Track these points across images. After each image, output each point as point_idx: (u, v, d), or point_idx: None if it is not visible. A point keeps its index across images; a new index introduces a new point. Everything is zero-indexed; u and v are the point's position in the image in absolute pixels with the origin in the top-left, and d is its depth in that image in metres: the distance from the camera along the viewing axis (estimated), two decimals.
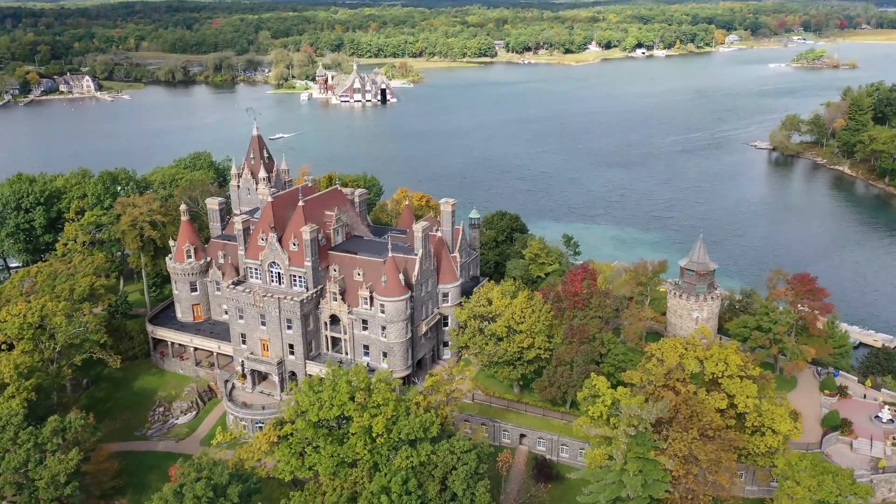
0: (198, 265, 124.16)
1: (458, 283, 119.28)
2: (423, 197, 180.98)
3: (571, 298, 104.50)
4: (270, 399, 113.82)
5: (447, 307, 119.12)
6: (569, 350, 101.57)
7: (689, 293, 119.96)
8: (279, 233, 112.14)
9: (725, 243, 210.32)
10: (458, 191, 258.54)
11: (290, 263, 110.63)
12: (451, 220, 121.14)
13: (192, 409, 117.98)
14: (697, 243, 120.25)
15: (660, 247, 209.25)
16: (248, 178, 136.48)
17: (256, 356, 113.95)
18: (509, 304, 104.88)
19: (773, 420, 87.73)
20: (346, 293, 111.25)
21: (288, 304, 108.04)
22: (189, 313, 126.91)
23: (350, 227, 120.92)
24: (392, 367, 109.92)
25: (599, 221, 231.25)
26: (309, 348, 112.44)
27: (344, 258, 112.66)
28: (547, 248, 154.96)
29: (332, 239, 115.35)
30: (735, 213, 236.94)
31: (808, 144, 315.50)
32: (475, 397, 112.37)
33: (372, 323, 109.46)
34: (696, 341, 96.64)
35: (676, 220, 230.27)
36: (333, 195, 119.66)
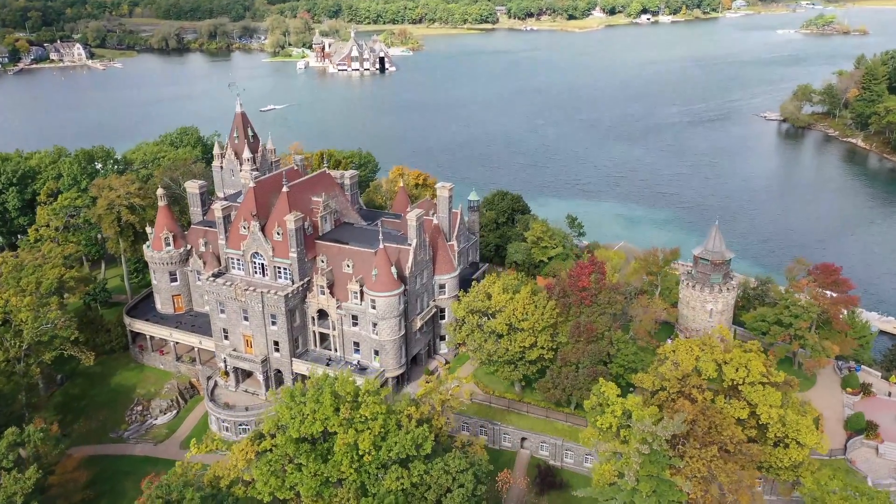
0: (177, 254, 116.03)
1: (456, 274, 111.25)
2: (420, 175, 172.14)
3: (578, 294, 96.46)
4: (255, 399, 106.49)
5: (444, 299, 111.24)
6: (575, 350, 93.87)
7: (702, 284, 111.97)
8: (262, 221, 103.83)
9: (735, 222, 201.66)
10: (457, 167, 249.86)
11: (273, 254, 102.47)
12: (448, 206, 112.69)
13: (172, 408, 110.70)
14: (712, 230, 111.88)
15: (667, 225, 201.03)
16: (231, 159, 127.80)
17: (239, 353, 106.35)
18: (511, 299, 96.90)
19: (799, 431, 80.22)
20: (334, 286, 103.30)
21: (271, 298, 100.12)
22: (169, 304, 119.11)
23: (339, 214, 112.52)
24: (384, 365, 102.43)
25: (604, 199, 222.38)
26: (295, 345, 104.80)
27: (332, 248, 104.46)
28: (550, 230, 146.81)
29: (320, 227, 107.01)
30: (745, 190, 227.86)
31: (820, 116, 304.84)
32: (474, 397, 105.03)
33: (362, 319, 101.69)
34: (713, 342, 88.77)
35: (684, 197, 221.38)
36: (321, 179, 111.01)
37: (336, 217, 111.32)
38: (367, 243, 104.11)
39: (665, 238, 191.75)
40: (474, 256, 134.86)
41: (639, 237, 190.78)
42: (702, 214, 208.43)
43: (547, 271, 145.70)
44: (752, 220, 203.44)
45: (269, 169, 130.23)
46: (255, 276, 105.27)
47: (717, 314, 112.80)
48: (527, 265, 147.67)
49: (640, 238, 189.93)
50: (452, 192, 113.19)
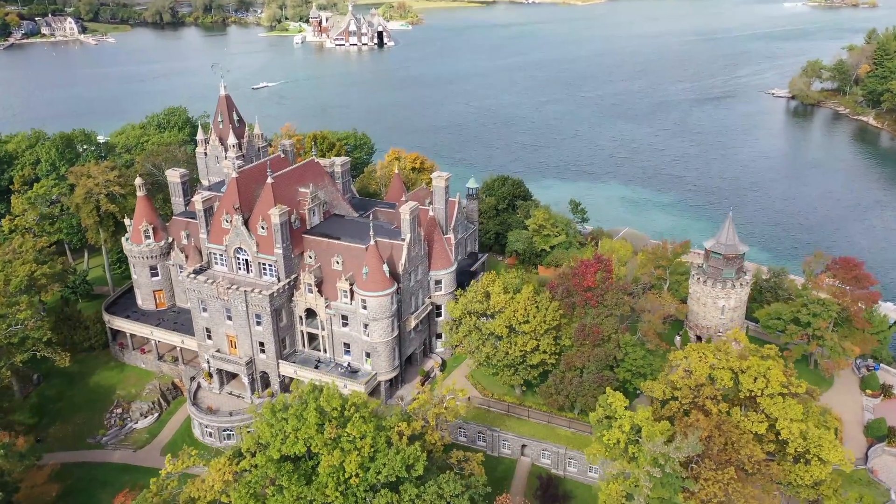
0: (157, 247, 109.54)
1: (453, 269, 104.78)
2: (417, 159, 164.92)
3: (583, 294, 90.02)
4: (240, 402, 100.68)
5: (440, 295, 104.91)
6: (579, 354, 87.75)
7: (714, 279, 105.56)
8: (246, 214, 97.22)
9: (744, 206, 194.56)
10: (456, 147, 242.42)
11: (258, 250, 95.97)
12: (445, 197, 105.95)
13: (154, 410, 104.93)
14: (726, 223, 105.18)
15: (673, 209, 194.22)
16: (216, 145, 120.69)
17: (223, 354, 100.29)
18: (511, 299, 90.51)
19: (821, 447, 74.27)
20: (323, 284, 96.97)
21: (255, 297, 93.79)
22: (150, 300, 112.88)
23: (329, 205, 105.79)
24: (376, 368, 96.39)
25: (607, 180, 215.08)
26: (282, 346, 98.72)
27: (321, 243, 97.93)
28: (553, 217, 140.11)
29: (308, 220, 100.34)
30: (753, 171, 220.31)
31: (830, 92, 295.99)
32: (472, 400, 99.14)
33: (353, 319, 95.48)
34: (727, 347, 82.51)
35: (690, 180, 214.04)
36: (309, 169, 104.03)
37: (325, 209, 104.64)
38: (357, 238, 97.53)
39: (670, 222, 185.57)
40: (473, 246, 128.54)
41: (644, 222, 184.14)
42: (708, 197, 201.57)
43: (549, 261, 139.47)
44: (761, 203, 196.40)
45: (255, 155, 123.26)
46: (238, 273, 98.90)
47: (730, 311, 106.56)
48: (528, 254, 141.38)
49: (645, 223, 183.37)
50: (449, 181, 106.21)
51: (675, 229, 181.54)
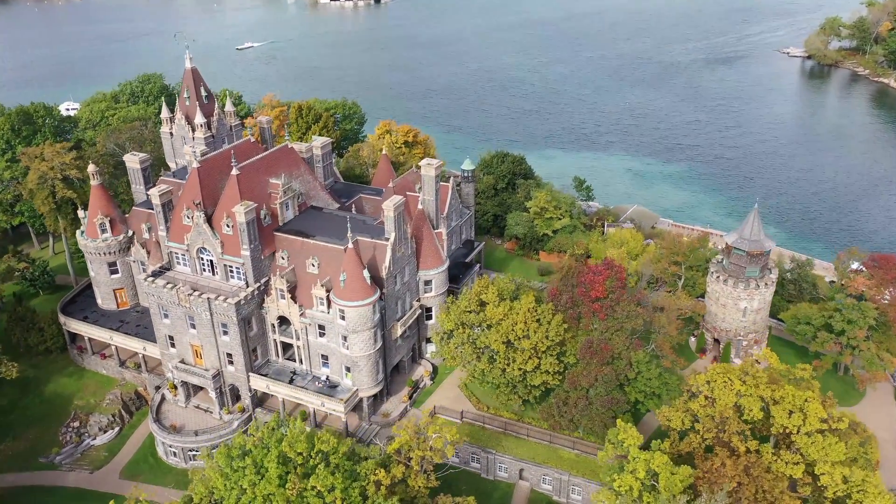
0: (116, 242, 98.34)
1: (444, 268, 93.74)
2: (410, 132, 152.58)
3: (590, 305, 79.08)
4: (208, 418, 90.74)
5: (431, 297, 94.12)
6: (586, 373, 77.25)
7: (736, 278, 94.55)
8: (209, 209, 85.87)
9: (758, 178, 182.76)
10: (454, 114, 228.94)
11: (223, 251, 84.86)
12: (435, 187, 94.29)
13: (115, 424, 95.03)
14: (750, 216, 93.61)
15: (683, 183, 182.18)
16: (182, 124, 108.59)
17: (187, 365, 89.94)
18: (509, 310, 79.64)
19: (865, 492, 64.24)
20: (297, 289, 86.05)
21: (220, 306, 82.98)
22: (111, 299, 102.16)
23: (305, 196, 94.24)
24: (357, 384, 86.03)
25: (613, 150, 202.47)
26: (253, 356, 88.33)
27: (294, 242, 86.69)
28: (556, 198, 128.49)
29: (280, 215, 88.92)
30: (768, 140, 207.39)
31: (848, 52, 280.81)
32: (465, 415, 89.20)
33: (330, 330, 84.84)
34: (756, 371, 71.94)
35: (702, 149, 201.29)
36: (281, 156, 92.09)
37: (301, 200, 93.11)
38: (336, 235, 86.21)
39: (681, 198, 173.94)
40: (469, 234, 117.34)
41: (653, 198, 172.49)
42: (721, 169, 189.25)
43: (551, 246, 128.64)
44: (777, 176, 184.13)
45: (227, 135, 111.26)
46: (203, 275, 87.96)
47: (752, 313, 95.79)
48: (529, 239, 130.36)
49: (654, 199, 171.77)
50: (440, 170, 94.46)
51: (685, 206, 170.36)
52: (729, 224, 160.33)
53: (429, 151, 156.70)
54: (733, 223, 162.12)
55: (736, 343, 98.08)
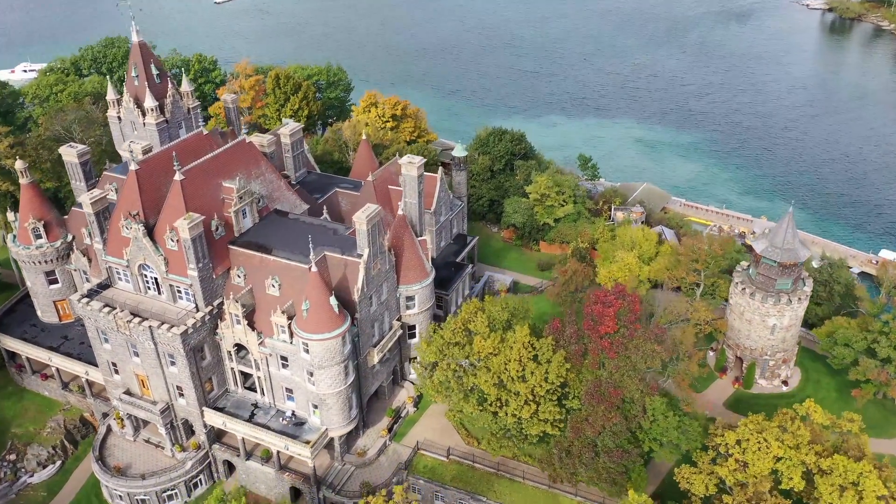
0: (53, 248, 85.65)
1: (429, 281, 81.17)
2: (398, 104, 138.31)
3: (599, 341, 66.67)
4: (159, 455, 79.42)
5: (414, 314, 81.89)
6: (592, 419, 65.44)
7: (765, 291, 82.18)
8: (151, 220, 73.01)
9: (776, 149, 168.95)
10: (449, 78, 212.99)
11: (168, 269, 72.29)
12: (418, 189, 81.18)
13: (56, 457, 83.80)
14: (783, 222, 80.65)
15: (695, 155, 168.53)
16: (130, 108, 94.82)
17: (133, 398, 78.27)
18: (500, 344, 67.41)
19: None
20: (256, 313, 73.72)
21: (164, 335, 70.81)
22: (51, 311, 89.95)
23: (268, 199, 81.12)
24: (326, 423, 74.35)
25: (620, 117, 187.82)
26: (209, 387, 76.55)
27: (252, 258, 73.95)
28: (558, 182, 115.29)
29: (236, 224, 75.99)
30: (787, 105, 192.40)
31: (872, 4, 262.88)
32: (452, 452, 77.91)
33: (294, 363, 72.81)
34: (798, 429, 60.08)
35: (715, 117, 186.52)
36: (237, 154, 78.42)
37: (262, 204, 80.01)
38: (302, 249, 73.37)
39: (693, 172, 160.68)
40: (461, 227, 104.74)
41: (663, 172, 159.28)
42: (737, 139, 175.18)
43: (553, 236, 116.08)
44: (795, 146, 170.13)
45: (184, 120, 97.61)
46: (147, 294, 75.58)
47: (782, 330, 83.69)
48: (528, 228, 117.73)
49: (664, 174, 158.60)
50: (422, 169, 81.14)
51: (698, 182, 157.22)
52: (744, 203, 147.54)
53: (420, 125, 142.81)
54: (748, 201, 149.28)
55: (762, 363, 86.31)
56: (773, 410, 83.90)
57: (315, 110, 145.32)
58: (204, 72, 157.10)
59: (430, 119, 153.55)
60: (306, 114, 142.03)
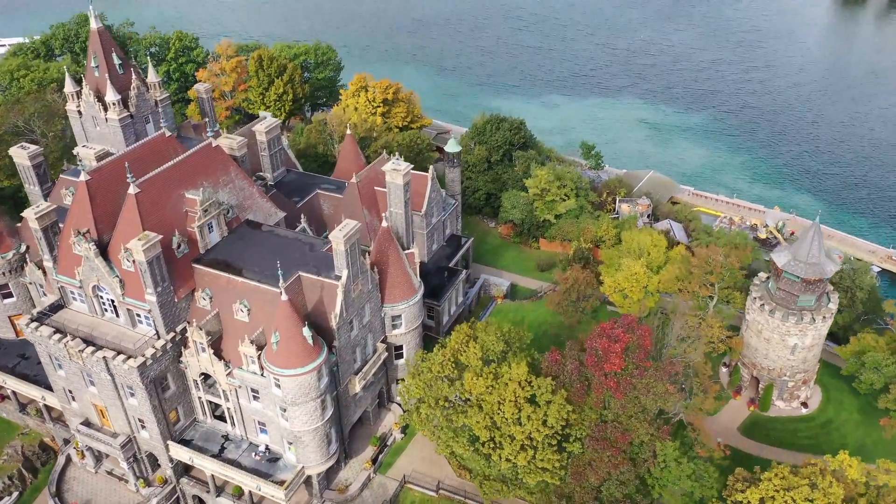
0: (4, 261, 77.97)
1: (418, 298, 73.75)
2: (389, 87, 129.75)
3: (604, 380, 59.34)
4: (123, 490, 72.76)
5: (401, 334, 74.66)
6: (596, 465, 58.51)
7: (786, 308, 74.90)
8: (105, 236, 65.36)
9: (789, 133, 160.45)
10: (445, 53, 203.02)
11: (124, 293, 64.84)
12: (404, 198, 73.39)
13: (13, 488, 76.93)
14: (809, 234, 72.97)
15: (704, 139, 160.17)
16: (91, 102, 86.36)
17: (92, 429, 71.36)
18: (494, 383, 60.15)
19: None
20: (223, 340, 66.44)
21: (120, 367, 63.60)
22: (7, 327, 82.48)
23: (238, 208, 73.26)
24: (302, 460, 67.47)
25: (624, 97, 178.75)
26: (174, 419, 69.56)
27: (219, 279, 66.40)
28: (559, 176, 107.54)
29: (201, 240, 68.32)
30: (800, 83, 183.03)
31: None
32: (442, 486, 71.24)
33: (266, 396, 65.69)
34: (832, 487, 53.00)
35: (724, 97, 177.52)
36: (202, 159, 70.26)
37: (232, 215, 72.19)
38: (274, 268, 65.74)
39: (702, 158, 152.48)
40: (455, 227, 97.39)
41: (670, 158, 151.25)
42: (746, 120, 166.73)
43: (554, 233, 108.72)
44: (809, 130, 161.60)
45: (151, 113, 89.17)
46: (104, 316, 68.23)
47: (804, 350, 76.59)
48: (527, 225, 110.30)
49: (671, 159, 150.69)
50: (409, 177, 73.22)
51: (706, 168, 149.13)
52: (755, 191, 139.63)
53: (413, 110, 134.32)
54: (760, 189, 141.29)
55: (780, 384, 79.33)
56: (793, 435, 78.31)
57: (302, 93, 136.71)
58: (185, 50, 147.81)
59: (424, 99, 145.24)
60: (291, 98, 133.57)
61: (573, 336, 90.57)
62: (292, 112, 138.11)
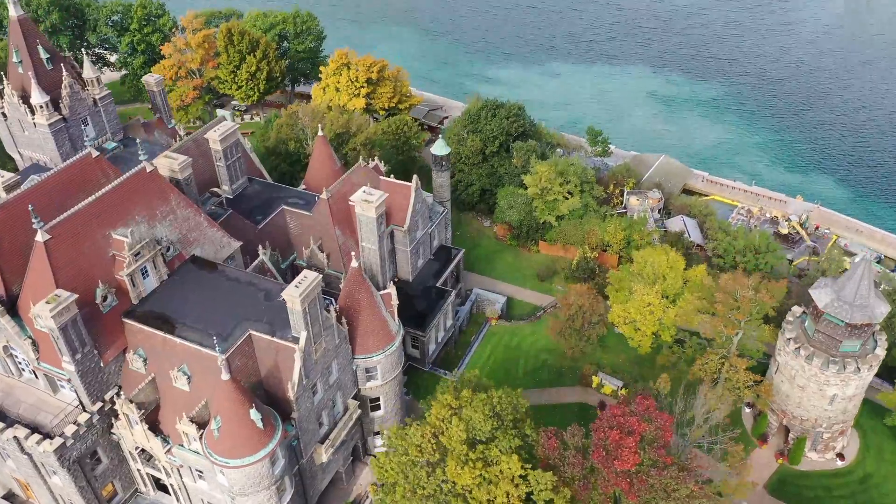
0: None
1: (395, 346, 62.78)
2: (374, 65, 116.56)
3: (615, 480, 48.59)
4: None
5: (376, 387, 64.00)
6: None
7: (827, 354, 64.18)
8: (13, 287, 54.09)
9: (814, 106, 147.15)
10: (439, 18, 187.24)
11: (39, 357, 53.90)
12: (378, 232, 61.61)
13: None
14: (858, 270, 61.69)
15: (717, 113, 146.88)
16: (15, 104, 74.04)
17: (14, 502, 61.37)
18: (483, 471, 49.55)
19: None
20: (160, 411, 55.71)
21: (35, 448, 53.06)
22: None
23: (182, 243, 61.66)
24: None
25: (631, 64, 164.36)
26: (109, 492, 59.33)
27: (153, 339, 55.26)
28: (563, 171, 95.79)
29: (133, 290, 56.95)
30: (825, 49, 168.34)
31: None
32: None
33: (211, 479, 55.29)
34: None
35: (740, 65, 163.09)
36: (133, 190, 58.21)
37: (174, 253, 60.67)
38: (221, 321, 54.84)
39: (715, 137, 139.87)
40: (443, 237, 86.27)
41: (682, 138, 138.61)
42: (765, 92, 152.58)
43: (555, 236, 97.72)
44: (834, 103, 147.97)
45: (88, 114, 76.90)
46: (23, 377, 57.47)
47: (844, 400, 66.12)
48: (525, 228, 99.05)
49: (683, 140, 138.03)
50: (383, 209, 61.38)
51: (721, 148, 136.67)
52: (775, 176, 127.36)
53: (400, 89, 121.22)
54: (780, 174, 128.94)
55: (814, 434, 69.10)
56: (827, 494, 68.42)
57: (278, 70, 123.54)
58: (150, 19, 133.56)
59: (415, 67, 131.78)
60: (265, 76, 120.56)
61: (576, 368, 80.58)
62: (268, 91, 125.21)
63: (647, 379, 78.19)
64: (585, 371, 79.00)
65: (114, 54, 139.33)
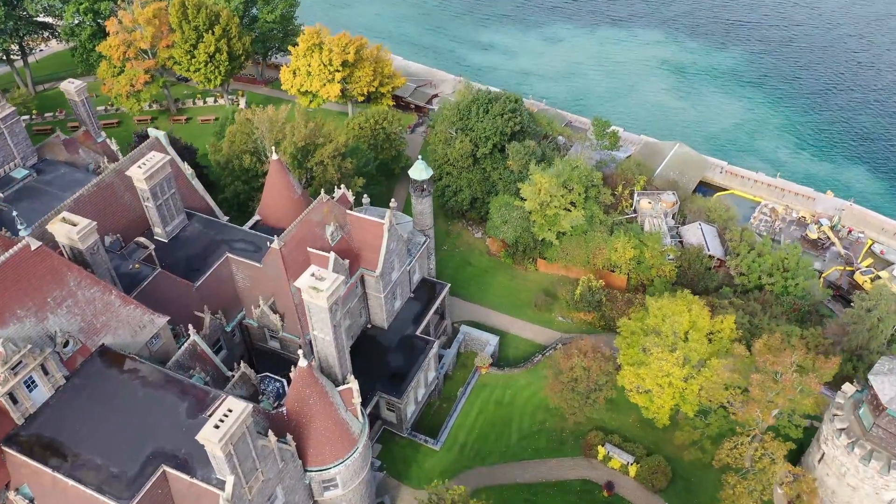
0: None
1: (357, 452, 50.74)
2: (350, 44, 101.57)
3: None
4: None
5: (337, 496, 52.30)
6: None
7: (888, 453, 52.46)
8: None
9: (844, 84, 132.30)
10: None
11: None
12: (332, 322, 48.41)
13: None
14: None
15: (736, 90, 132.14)
16: None
17: None
18: None
19: None
20: None
21: None
22: None
23: (86, 332, 48.73)
24: None
25: (642, 28, 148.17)
26: None
27: (41, 476, 42.79)
28: (567, 178, 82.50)
29: (16, 410, 44.35)
30: (858, 15, 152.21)
31: None
32: None
33: None
34: None
35: (764, 31, 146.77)
36: (19, 274, 44.68)
37: (75, 347, 47.85)
38: (130, 446, 42.73)
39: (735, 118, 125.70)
40: (426, 269, 73.90)
41: (696, 122, 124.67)
42: (790, 65, 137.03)
43: (554, 255, 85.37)
44: (872, 79, 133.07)
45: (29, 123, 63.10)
46: None
47: None
48: (521, 246, 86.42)
49: (698, 124, 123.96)
50: (340, 293, 48.05)
51: (741, 133, 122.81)
52: (800, 165, 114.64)
53: (382, 70, 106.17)
54: (806, 163, 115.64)
55: None
56: None
57: (241, 49, 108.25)
58: None
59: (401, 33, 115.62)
60: (226, 57, 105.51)
61: (579, 434, 68.88)
62: (232, 72, 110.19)
63: (663, 450, 67.01)
64: (590, 439, 67.44)
65: (60, 21, 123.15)
